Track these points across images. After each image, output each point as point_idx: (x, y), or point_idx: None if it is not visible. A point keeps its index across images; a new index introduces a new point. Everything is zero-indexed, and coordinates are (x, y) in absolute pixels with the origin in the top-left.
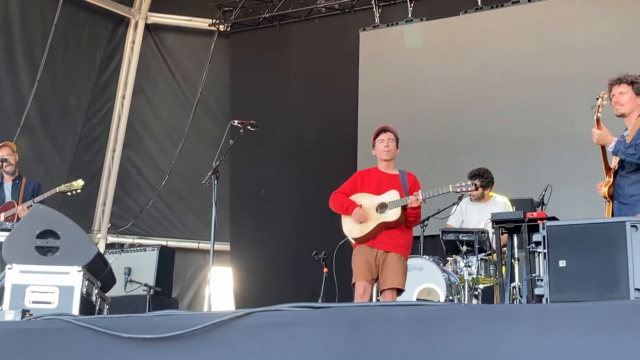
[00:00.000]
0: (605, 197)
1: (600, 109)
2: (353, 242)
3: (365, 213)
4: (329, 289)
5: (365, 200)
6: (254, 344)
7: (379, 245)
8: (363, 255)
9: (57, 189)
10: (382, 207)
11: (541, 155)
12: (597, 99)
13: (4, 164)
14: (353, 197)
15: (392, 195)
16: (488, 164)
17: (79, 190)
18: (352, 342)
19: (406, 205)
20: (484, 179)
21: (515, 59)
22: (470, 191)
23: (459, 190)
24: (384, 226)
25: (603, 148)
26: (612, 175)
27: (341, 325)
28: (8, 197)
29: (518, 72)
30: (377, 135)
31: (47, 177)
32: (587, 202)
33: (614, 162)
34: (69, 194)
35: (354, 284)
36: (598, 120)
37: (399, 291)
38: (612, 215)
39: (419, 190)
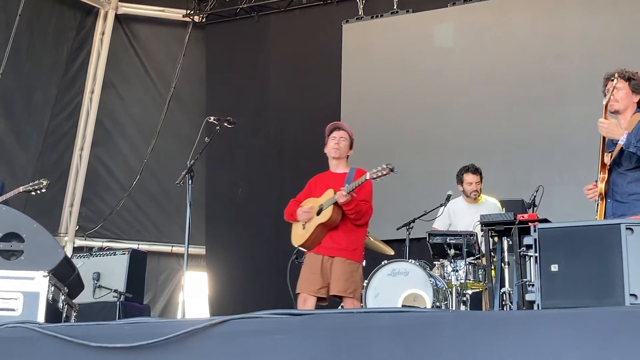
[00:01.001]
0: (600, 195)
1: (614, 92)
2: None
3: (308, 209)
4: None
5: (309, 205)
6: (231, 353)
7: (323, 250)
8: (308, 264)
9: (21, 188)
10: (319, 210)
11: (532, 155)
12: (612, 79)
13: None
14: (303, 204)
15: (327, 195)
16: (477, 163)
17: (43, 190)
18: (334, 350)
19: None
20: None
21: (505, 55)
22: (385, 174)
23: (375, 176)
24: (324, 228)
25: (604, 140)
26: (606, 171)
27: (322, 333)
28: None
29: (508, 68)
30: (330, 132)
31: (11, 177)
32: (580, 204)
33: (607, 158)
34: (33, 193)
35: (297, 294)
36: (606, 108)
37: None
38: (605, 215)
39: (345, 185)
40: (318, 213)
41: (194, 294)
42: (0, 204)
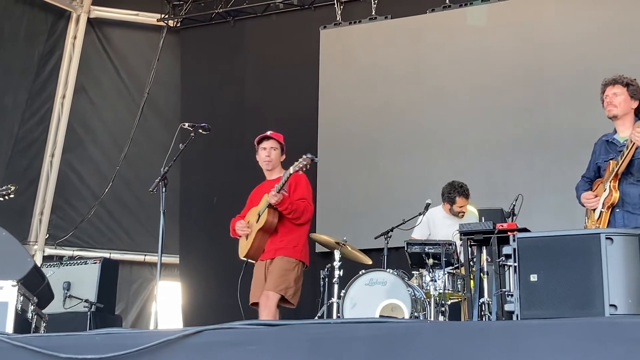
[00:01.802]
0: (609, 205)
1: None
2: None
3: (246, 223)
4: None
5: (250, 216)
6: None
7: (265, 255)
8: (256, 273)
9: None
10: (257, 217)
11: (512, 162)
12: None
13: None
14: (247, 216)
15: (263, 200)
16: (455, 170)
17: (12, 195)
18: None
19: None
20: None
21: (484, 60)
22: (306, 164)
23: (297, 169)
24: (265, 233)
25: (635, 149)
26: (616, 181)
27: (298, 344)
28: None
29: (488, 73)
30: (259, 142)
31: None
32: (560, 213)
33: (613, 168)
34: (0, 199)
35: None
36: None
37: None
38: (612, 225)
39: (275, 185)
40: (256, 220)
41: (167, 304)
42: None
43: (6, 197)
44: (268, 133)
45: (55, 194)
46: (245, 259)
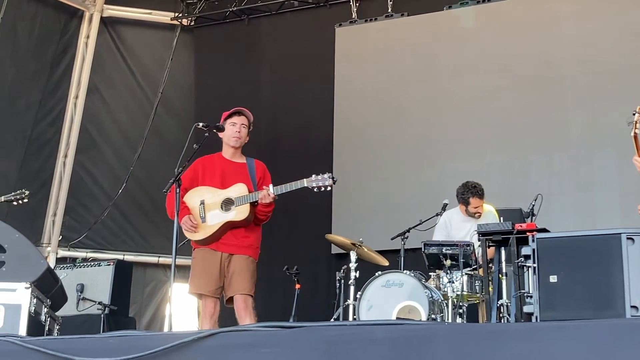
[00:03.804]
0: None
1: (638, 125)
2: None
3: (195, 222)
4: (301, 307)
5: (209, 195)
6: None
7: (223, 247)
8: (207, 262)
9: (2, 198)
10: (227, 204)
11: (531, 162)
12: (634, 114)
13: None
14: (193, 192)
15: (239, 190)
16: (473, 170)
17: (25, 200)
18: None
19: (256, 202)
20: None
21: (503, 59)
22: (327, 185)
23: (314, 185)
24: (230, 226)
25: None
26: None
27: (314, 346)
28: None
29: (506, 72)
30: (229, 116)
31: None
32: (580, 213)
33: None
34: (15, 203)
35: (198, 294)
36: (636, 138)
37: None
38: None
39: (270, 185)
40: (222, 207)
41: (181, 306)
42: None
43: (20, 202)
44: (240, 108)
45: (69, 196)
46: (193, 239)
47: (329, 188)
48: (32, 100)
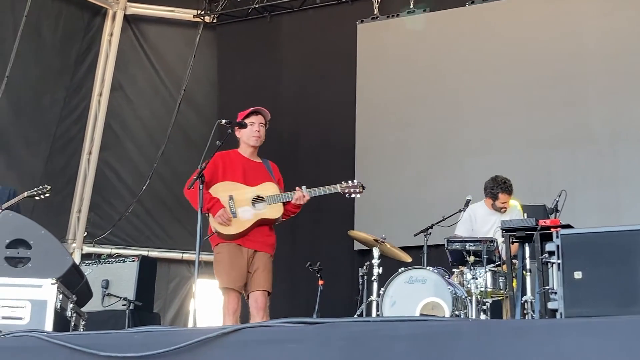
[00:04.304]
0: None
1: None
2: (216, 236)
3: (230, 216)
4: (324, 303)
5: (236, 191)
6: None
7: (249, 243)
8: (234, 256)
9: (25, 194)
10: (258, 201)
11: (554, 157)
12: None
13: None
14: (220, 186)
15: (269, 188)
16: (496, 166)
17: (47, 194)
18: None
19: (287, 202)
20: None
21: (525, 54)
22: (357, 192)
23: (347, 190)
24: (260, 223)
25: None
26: None
27: (337, 342)
28: None
29: (528, 67)
30: (246, 116)
31: (19, 182)
32: (604, 209)
33: None
34: (37, 198)
35: (226, 289)
36: None
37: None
38: None
39: (303, 187)
40: (253, 203)
41: (205, 302)
42: (7, 210)
43: (42, 197)
44: (258, 108)
45: (93, 192)
46: (225, 234)
47: (358, 195)
48: (56, 97)
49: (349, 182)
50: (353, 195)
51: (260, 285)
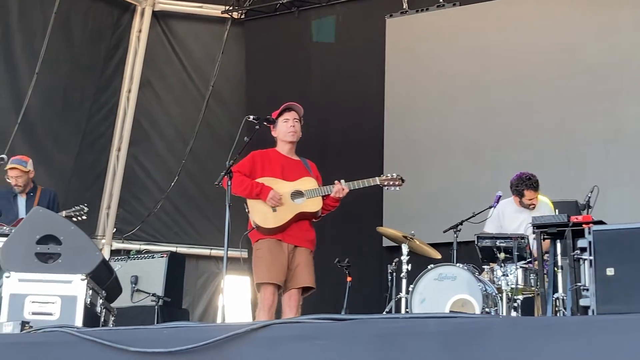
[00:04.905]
0: None
1: None
2: (256, 231)
3: (280, 195)
4: (353, 300)
5: (276, 186)
6: (272, 359)
7: (289, 238)
8: (275, 251)
9: (64, 213)
10: (297, 195)
11: (586, 153)
12: None
13: (15, 187)
14: (260, 181)
15: (308, 183)
16: (527, 162)
17: (84, 217)
18: (378, 357)
19: (326, 196)
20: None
21: (557, 48)
22: (396, 185)
23: (386, 183)
24: (299, 217)
25: None
26: None
27: (366, 339)
28: (22, 213)
29: (560, 62)
30: (280, 113)
31: (49, 178)
32: (637, 205)
33: None
34: (74, 219)
35: (260, 284)
36: None
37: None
38: None
39: (342, 180)
40: (293, 197)
41: (234, 298)
42: (37, 207)
43: (79, 219)
44: (291, 103)
45: (122, 188)
46: (264, 227)
47: (397, 188)
48: (86, 94)
49: (388, 174)
50: (392, 189)
51: (304, 282)
